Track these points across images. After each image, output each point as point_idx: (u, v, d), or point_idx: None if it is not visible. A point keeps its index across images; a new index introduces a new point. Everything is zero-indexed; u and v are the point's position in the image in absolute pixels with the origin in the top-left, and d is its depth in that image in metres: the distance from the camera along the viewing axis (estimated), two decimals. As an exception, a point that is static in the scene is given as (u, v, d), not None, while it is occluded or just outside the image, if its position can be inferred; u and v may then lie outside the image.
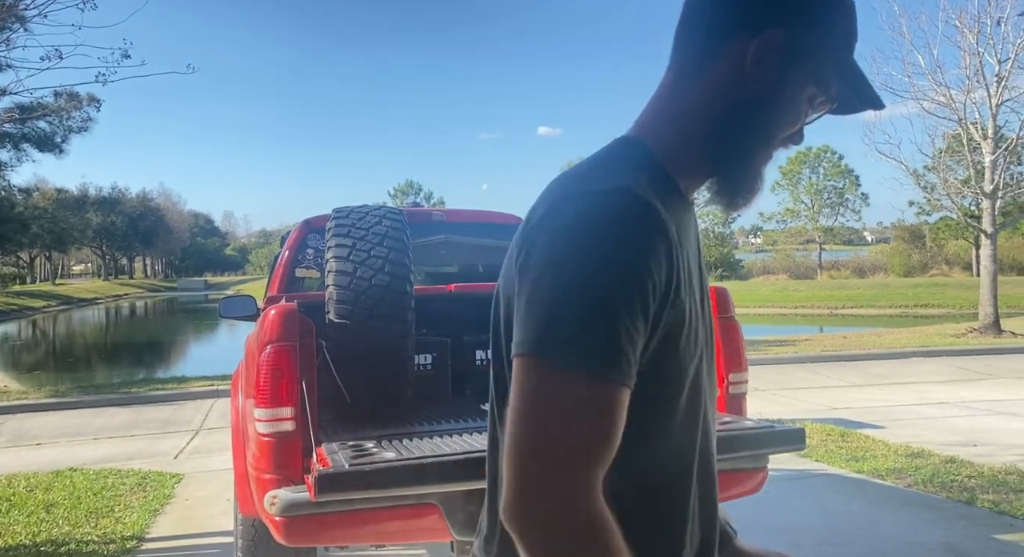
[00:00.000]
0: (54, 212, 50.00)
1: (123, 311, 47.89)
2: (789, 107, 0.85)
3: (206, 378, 10.88)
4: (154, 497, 5.06)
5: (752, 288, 35.72)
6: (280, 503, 2.36)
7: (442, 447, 2.49)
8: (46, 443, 7.38)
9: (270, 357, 2.56)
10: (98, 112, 16.22)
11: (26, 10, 8.81)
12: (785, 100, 0.85)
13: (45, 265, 68.72)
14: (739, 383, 3.10)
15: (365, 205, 3.38)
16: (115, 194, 76.11)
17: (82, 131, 17.94)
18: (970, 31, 14.02)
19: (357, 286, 2.96)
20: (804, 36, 0.82)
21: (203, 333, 29.63)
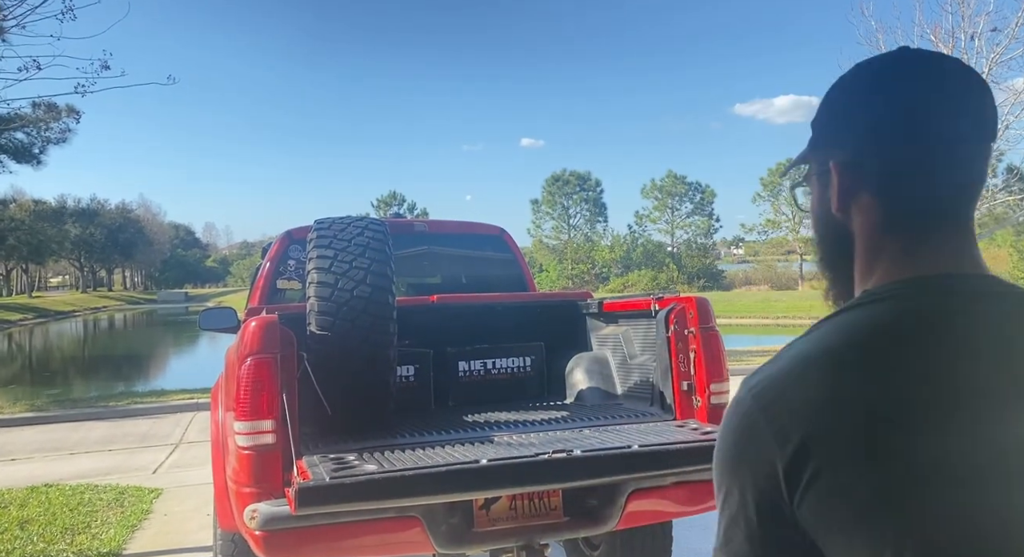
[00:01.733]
0: (31, 224, 49.38)
1: (101, 324, 47.29)
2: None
3: (186, 391, 10.77)
4: (132, 512, 4.98)
5: (734, 298, 35.98)
6: (260, 517, 2.34)
7: (424, 459, 2.48)
8: (21, 458, 7.25)
9: (250, 369, 2.54)
10: (77, 123, 16.09)
11: (4, 21, 8.73)
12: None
13: (21, 277, 67.77)
14: (721, 393, 3.11)
15: (347, 216, 3.37)
16: (94, 205, 75.34)
17: (60, 142, 17.78)
18: (944, 45, 14.28)
19: (339, 297, 2.95)
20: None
21: (183, 346, 29.33)
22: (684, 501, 2.77)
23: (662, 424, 3.05)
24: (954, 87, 0.80)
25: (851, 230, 0.84)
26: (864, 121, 0.82)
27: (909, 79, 0.81)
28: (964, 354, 0.70)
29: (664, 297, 3.31)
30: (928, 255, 0.79)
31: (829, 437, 0.66)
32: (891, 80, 0.82)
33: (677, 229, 55.00)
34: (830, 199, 0.85)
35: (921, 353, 0.70)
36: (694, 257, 49.50)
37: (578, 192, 56.10)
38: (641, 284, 42.30)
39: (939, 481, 0.63)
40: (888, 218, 0.81)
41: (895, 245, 0.80)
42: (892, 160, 0.80)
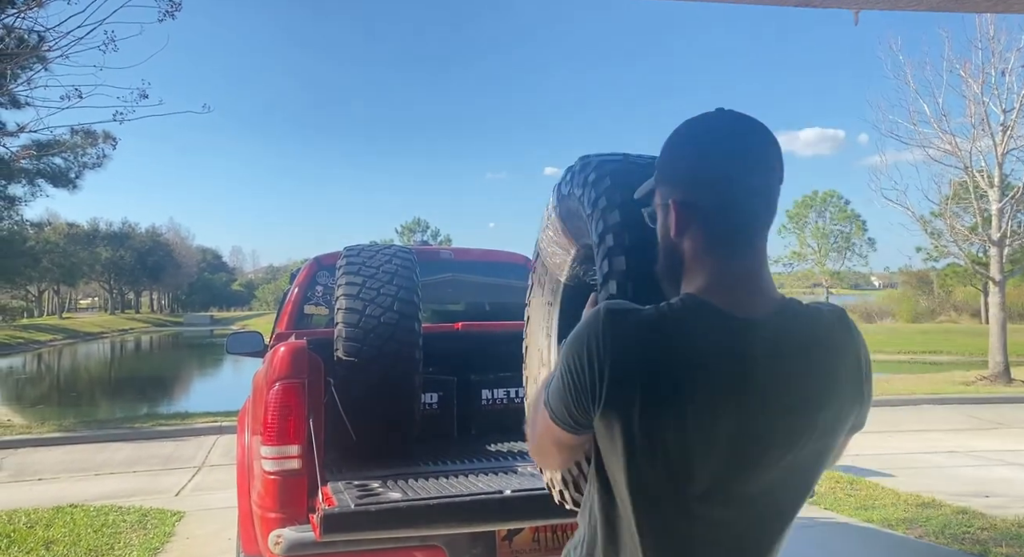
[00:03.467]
0: (64, 246, 50.40)
1: (128, 345, 47.91)
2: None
3: (209, 414, 10.84)
4: (154, 535, 5.01)
5: (759, 332, 35.51)
6: (285, 542, 2.34)
7: (448, 488, 2.48)
8: (48, 478, 7.33)
9: (278, 394, 2.56)
10: (114, 149, 16.48)
11: (49, 51, 9.04)
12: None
13: (53, 299, 69.01)
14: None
15: (375, 243, 3.42)
16: (125, 229, 76.73)
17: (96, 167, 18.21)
18: (974, 81, 14.21)
19: (366, 324, 2.98)
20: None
21: (207, 369, 29.58)
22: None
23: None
24: (753, 143, 1.12)
25: (683, 249, 1.14)
26: (688, 171, 1.13)
27: (720, 138, 1.12)
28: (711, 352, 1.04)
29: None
30: (730, 282, 1.10)
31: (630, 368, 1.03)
32: (707, 138, 1.13)
33: (701, 260, 54.73)
34: (670, 226, 1.14)
35: (693, 343, 1.04)
36: (718, 289, 49.10)
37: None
38: (664, 315, 41.99)
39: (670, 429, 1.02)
40: (707, 244, 1.12)
41: (711, 262, 1.11)
42: (711, 202, 1.11)
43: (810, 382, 1.08)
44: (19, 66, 9.82)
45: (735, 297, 1.08)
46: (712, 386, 1.03)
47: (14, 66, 9.50)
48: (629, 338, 1.04)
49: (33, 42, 9.21)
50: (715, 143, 1.12)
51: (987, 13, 12.40)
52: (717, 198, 1.10)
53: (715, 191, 1.11)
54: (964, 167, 14.63)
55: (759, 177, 1.11)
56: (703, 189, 1.11)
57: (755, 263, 1.12)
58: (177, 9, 9.10)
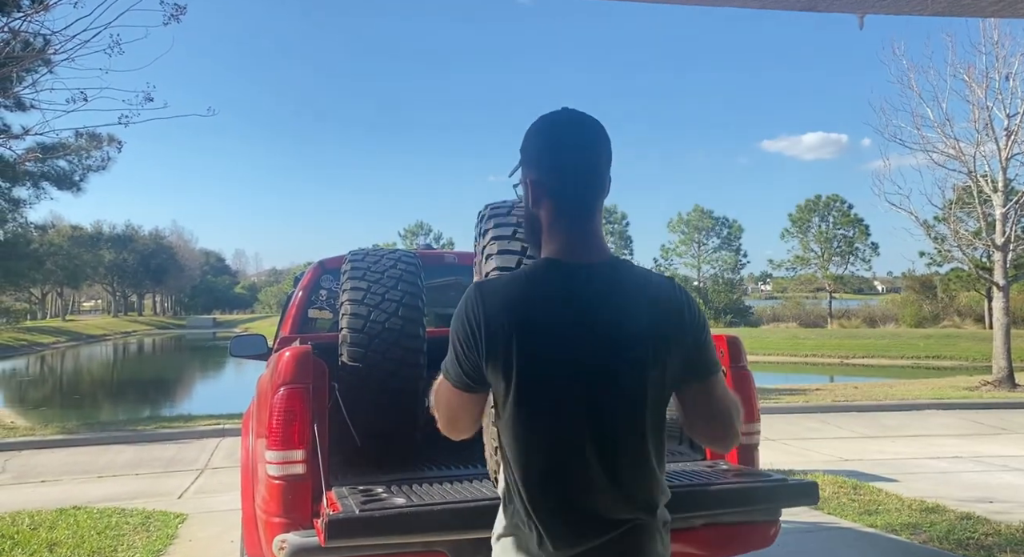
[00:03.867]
0: (68, 249, 50.50)
1: (131, 348, 47.97)
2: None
3: (212, 417, 10.85)
4: (157, 537, 5.01)
5: (761, 335, 35.50)
6: (289, 548, 2.34)
7: (452, 494, 2.48)
8: (51, 480, 7.34)
9: (283, 399, 2.56)
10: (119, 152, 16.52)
11: (54, 54, 9.06)
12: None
13: (56, 301, 69.13)
14: (751, 434, 3.07)
15: (379, 248, 3.42)
16: (128, 231, 76.90)
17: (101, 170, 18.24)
18: (978, 86, 14.22)
19: (371, 329, 2.98)
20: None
21: (210, 371, 29.61)
22: (714, 544, 2.72)
23: (692, 464, 3.01)
24: (586, 133, 1.45)
25: (539, 218, 1.46)
26: (537, 156, 1.45)
27: (559, 130, 1.46)
28: (555, 302, 1.36)
29: (694, 334, 3.28)
30: (571, 240, 1.42)
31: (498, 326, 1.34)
32: (549, 130, 1.46)
33: (704, 264, 54.64)
34: (528, 199, 1.46)
35: (546, 293, 1.37)
36: (721, 292, 48.97)
37: (604, 224, 55.96)
38: (667, 319, 41.93)
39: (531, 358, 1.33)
40: (556, 213, 1.44)
41: (559, 227, 1.43)
42: (553, 180, 1.43)
43: (640, 317, 1.37)
44: (25, 69, 9.84)
45: (578, 253, 1.41)
46: (563, 322, 1.34)
47: (20, 69, 9.52)
48: (496, 296, 1.37)
49: (39, 45, 9.24)
50: (556, 134, 1.46)
51: (992, 18, 12.39)
52: (559, 176, 1.43)
53: (557, 171, 1.43)
54: (968, 172, 14.62)
55: (590, 159, 1.44)
56: (548, 170, 1.44)
57: (593, 226, 1.44)
58: (182, 13, 9.11)
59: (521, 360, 1.33)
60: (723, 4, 2.47)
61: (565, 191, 1.43)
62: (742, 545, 2.81)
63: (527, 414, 1.35)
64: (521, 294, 1.37)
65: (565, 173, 1.43)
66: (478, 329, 1.35)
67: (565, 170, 1.43)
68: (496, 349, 1.34)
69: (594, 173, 1.44)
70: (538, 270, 1.41)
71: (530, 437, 1.36)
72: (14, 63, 9.00)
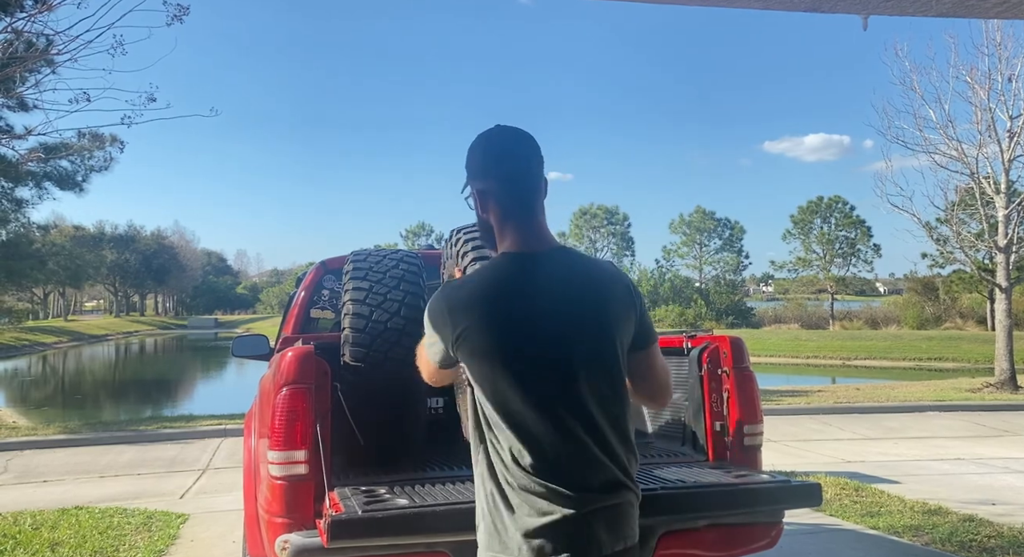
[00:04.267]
0: (71, 249, 50.51)
1: (133, 348, 48.01)
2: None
3: (214, 417, 10.86)
4: (159, 537, 5.01)
5: (763, 337, 35.48)
6: (291, 548, 2.34)
7: (454, 494, 2.47)
8: (53, 480, 7.35)
9: (286, 399, 2.56)
10: (121, 153, 16.53)
11: (57, 54, 9.08)
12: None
13: (58, 301, 69.21)
14: (754, 435, 3.06)
15: (381, 248, 3.42)
16: (130, 232, 77.01)
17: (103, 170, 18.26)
18: (981, 87, 14.20)
19: (373, 329, 2.98)
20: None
21: (212, 371, 29.62)
22: (716, 545, 2.71)
23: (695, 465, 3.01)
24: (519, 144, 1.68)
25: (490, 221, 1.68)
26: (479, 167, 1.68)
27: (496, 143, 1.69)
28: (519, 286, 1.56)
29: (697, 335, 3.28)
30: (522, 234, 1.63)
31: (465, 316, 1.54)
32: (488, 144, 1.69)
33: (705, 265, 54.65)
34: (477, 207, 1.69)
35: (509, 278, 1.58)
36: (723, 293, 48.93)
37: (605, 225, 56.14)
38: (669, 319, 41.90)
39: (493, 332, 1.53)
40: (502, 215, 1.65)
41: (507, 226, 1.64)
42: (498, 186, 1.65)
43: (588, 294, 1.58)
44: (28, 69, 9.86)
45: (530, 244, 1.62)
46: (528, 301, 1.55)
47: (23, 69, 9.53)
48: (461, 290, 1.59)
49: (42, 46, 9.25)
50: (494, 147, 1.69)
51: (996, 19, 12.38)
52: (502, 182, 1.65)
53: (499, 178, 1.65)
54: (970, 173, 14.59)
55: (526, 165, 1.67)
56: (493, 178, 1.66)
57: (538, 221, 1.65)
58: (185, 13, 9.13)
59: (496, 336, 1.53)
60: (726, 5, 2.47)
61: (509, 194, 1.65)
62: (745, 546, 2.81)
63: (512, 382, 1.52)
64: (488, 283, 1.58)
65: (507, 179, 1.65)
66: (448, 321, 1.56)
67: (506, 176, 1.65)
68: (463, 335, 1.55)
69: (531, 176, 1.67)
70: (498, 262, 1.62)
71: (517, 403, 1.51)
72: (17, 63, 9.02)
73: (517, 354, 1.52)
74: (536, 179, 1.67)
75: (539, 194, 1.67)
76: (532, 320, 1.54)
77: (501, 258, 1.62)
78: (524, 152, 1.67)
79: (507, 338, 1.53)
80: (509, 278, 1.58)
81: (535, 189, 1.66)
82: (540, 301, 1.55)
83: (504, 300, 1.55)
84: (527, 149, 1.68)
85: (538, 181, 1.67)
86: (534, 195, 1.66)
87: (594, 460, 1.51)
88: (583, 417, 1.51)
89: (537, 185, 1.67)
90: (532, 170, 1.67)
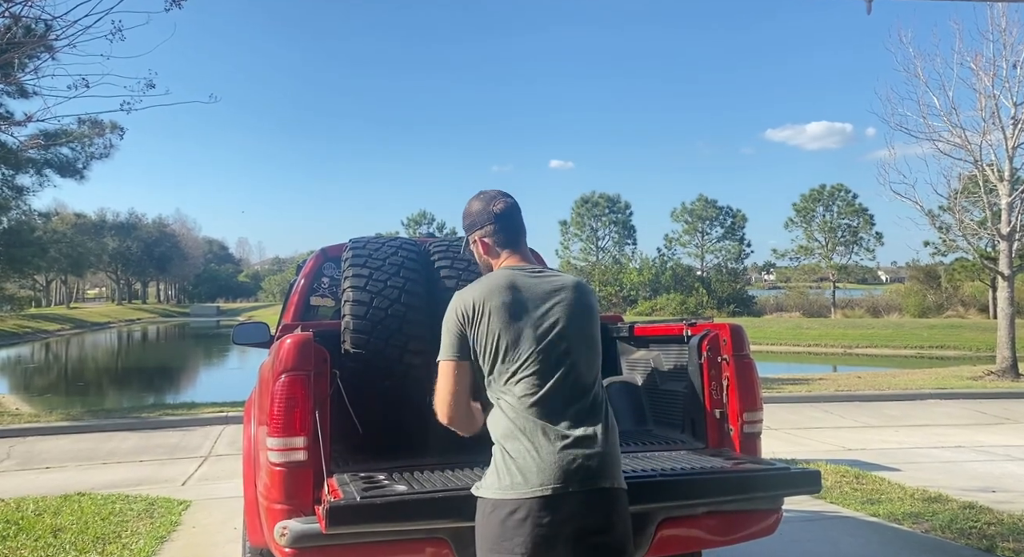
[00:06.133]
0: (72, 236, 50.56)
1: (135, 335, 48.12)
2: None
3: (215, 404, 10.89)
4: (161, 524, 5.03)
5: (765, 325, 35.48)
6: (290, 534, 2.34)
7: (453, 480, 2.48)
8: (55, 467, 7.38)
9: (285, 386, 2.56)
10: (121, 139, 16.50)
11: (56, 40, 9.01)
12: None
13: (60, 289, 69.32)
14: (754, 422, 3.06)
15: (381, 236, 3.41)
16: (132, 219, 77.01)
17: (103, 158, 18.24)
18: (985, 74, 14.10)
19: (374, 316, 2.97)
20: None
21: (213, 359, 29.69)
22: (716, 531, 2.72)
23: (694, 452, 3.00)
24: (507, 200, 2.22)
25: (491, 263, 2.21)
26: (480, 211, 2.21)
27: (488, 193, 2.25)
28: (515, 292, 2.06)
29: (697, 323, 3.27)
30: (514, 256, 2.18)
31: (475, 312, 2.03)
32: (481, 194, 2.25)
33: (707, 253, 54.47)
34: (482, 249, 2.21)
35: (508, 288, 2.06)
36: (724, 282, 48.82)
37: (607, 214, 55.96)
38: (670, 308, 41.87)
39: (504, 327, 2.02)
40: (499, 248, 2.19)
41: (505, 255, 2.18)
42: (495, 225, 2.18)
43: (582, 297, 2.11)
44: (26, 55, 9.80)
45: (519, 261, 2.16)
46: (528, 300, 2.04)
47: (21, 55, 9.47)
48: (474, 294, 2.05)
49: (40, 31, 9.19)
50: (487, 195, 2.24)
51: (1001, 2, 12.27)
52: (496, 221, 2.18)
53: (495, 218, 2.18)
54: (974, 161, 14.51)
55: (512, 206, 2.22)
56: (489, 218, 2.18)
57: (524, 251, 2.21)
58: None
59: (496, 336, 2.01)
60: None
61: (504, 228, 2.18)
62: (745, 533, 2.81)
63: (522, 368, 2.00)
64: (487, 288, 2.05)
65: (501, 217, 2.18)
66: (465, 320, 2.03)
67: (500, 215, 2.19)
68: (478, 332, 2.02)
69: (518, 215, 2.23)
70: (498, 272, 2.14)
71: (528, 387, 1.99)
72: (16, 49, 8.96)
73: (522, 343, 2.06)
74: (521, 219, 2.22)
75: (523, 236, 2.22)
76: (532, 314, 2.05)
77: (500, 271, 2.13)
78: (510, 198, 2.23)
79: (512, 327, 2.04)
80: (509, 282, 2.07)
81: (522, 231, 2.22)
82: (536, 300, 2.06)
83: (506, 298, 2.04)
84: (514, 204, 2.23)
85: (522, 221, 2.22)
86: (521, 236, 2.21)
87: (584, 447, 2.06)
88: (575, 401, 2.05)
89: (522, 223, 2.22)
90: (518, 211, 2.23)
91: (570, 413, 1.97)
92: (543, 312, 2.02)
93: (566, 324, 2.03)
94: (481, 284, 2.07)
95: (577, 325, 2.06)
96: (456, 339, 2.03)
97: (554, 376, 1.98)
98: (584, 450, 1.93)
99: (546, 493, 1.87)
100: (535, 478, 1.89)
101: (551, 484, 1.88)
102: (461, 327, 2.02)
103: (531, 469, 1.90)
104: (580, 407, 1.99)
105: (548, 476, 1.88)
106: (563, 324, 2.03)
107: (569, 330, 2.04)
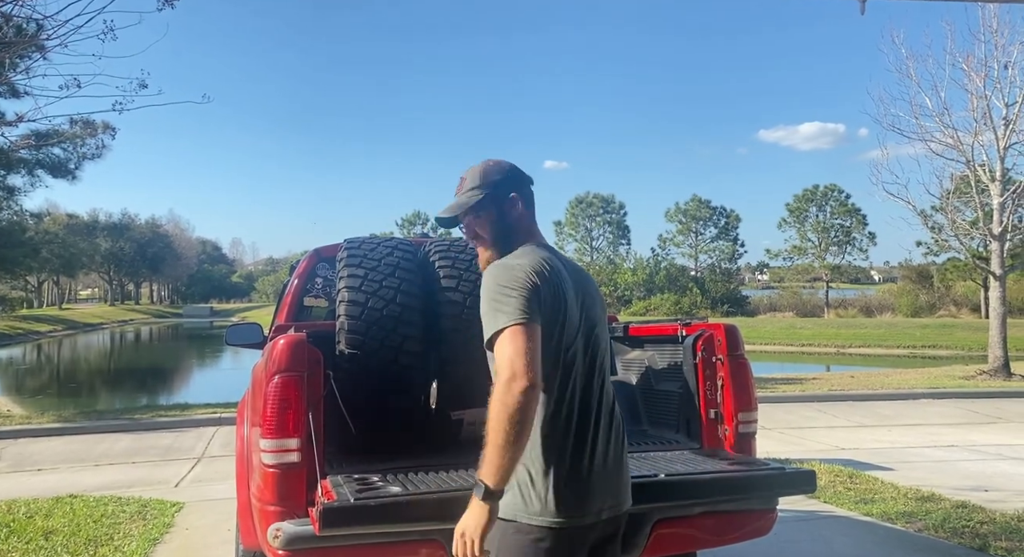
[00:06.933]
0: (64, 237, 50.32)
1: (128, 336, 47.91)
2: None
3: (209, 405, 10.84)
4: (154, 526, 5.00)
5: (758, 325, 35.55)
6: (284, 536, 2.33)
7: (448, 482, 2.47)
8: (47, 468, 7.33)
9: (277, 387, 2.54)
10: (113, 140, 16.42)
11: (47, 39, 8.97)
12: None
13: (52, 290, 68.96)
14: (748, 422, 3.06)
15: (376, 236, 3.40)
16: (125, 220, 76.59)
17: (95, 158, 18.14)
18: (977, 74, 14.16)
19: (369, 316, 2.96)
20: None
21: (207, 360, 29.58)
22: (711, 531, 2.72)
23: (689, 452, 3.00)
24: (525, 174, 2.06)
25: (516, 222, 1.98)
26: (518, 177, 2.03)
27: (522, 173, 2.05)
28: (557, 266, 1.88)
29: (692, 323, 3.27)
30: (535, 232, 2.01)
31: (548, 275, 1.81)
32: (512, 164, 2.05)
33: (701, 253, 54.66)
34: (511, 210, 1.98)
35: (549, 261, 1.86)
36: (718, 282, 48.93)
37: (601, 214, 56.09)
38: (664, 308, 41.93)
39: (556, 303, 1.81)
40: (528, 218, 2.01)
41: (535, 228, 2.02)
42: (527, 193, 2.02)
43: (597, 295, 1.98)
44: (18, 55, 9.76)
45: (542, 241, 2.00)
46: (569, 280, 1.89)
47: (12, 55, 9.43)
48: (542, 257, 1.87)
49: (31, 30, 9.14)
50: (521, 173, 2.06)
51: (992, 3, 12.33)
52: (528, 191, 2.03)
53: (527, 186, 2.04)
54: (966, 161, 14.57)
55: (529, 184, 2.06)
56: (524, 185, 2.02)
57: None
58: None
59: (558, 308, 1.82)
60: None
61: (531, 202, 2.04)
62: (740, 532, 2.81)
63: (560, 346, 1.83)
64: (550, 258, 1.89)
65: (530, 191, 2.05)
66: (541, 274, 1.80)
67: (529, 188, 2.06)
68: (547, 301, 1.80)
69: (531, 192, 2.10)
70: (538, 248, 1.94)
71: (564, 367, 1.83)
72: (7, 49, 8.92)
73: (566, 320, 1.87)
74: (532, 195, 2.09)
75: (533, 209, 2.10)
76: (573, 296, 1.89)
77: (538, 246, 1.94)
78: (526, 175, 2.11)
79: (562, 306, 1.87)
80: (551, 259, 1.90)
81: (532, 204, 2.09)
82: (573, 281, 1.93)
83: (556, 277, 1.86)
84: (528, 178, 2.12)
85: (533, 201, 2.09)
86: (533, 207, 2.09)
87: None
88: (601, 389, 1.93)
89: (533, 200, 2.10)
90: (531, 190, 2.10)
91: (602, 426, 1.82)
92: (585, 303, 1.88)
93: (598, 320, 1.92)
94: (537, 253, 1.86)
95: (603, 323, 1.95)
96: (528, 301, 1.71)
97: (593, 377, 1.84)
98: (615, 476, 1.83)
99: (577, 523, 1.73)
100: (565, 506, 1.72)
101: (583, 514, 1.74)
102: (536, 286, 1.73)
103: (563, 495, 1.72)
104: (608, 421, 1.85)
105: (580, 505, 1.74)
106: (599, 320, 1.92)
107: (598, 328, 1.91)
